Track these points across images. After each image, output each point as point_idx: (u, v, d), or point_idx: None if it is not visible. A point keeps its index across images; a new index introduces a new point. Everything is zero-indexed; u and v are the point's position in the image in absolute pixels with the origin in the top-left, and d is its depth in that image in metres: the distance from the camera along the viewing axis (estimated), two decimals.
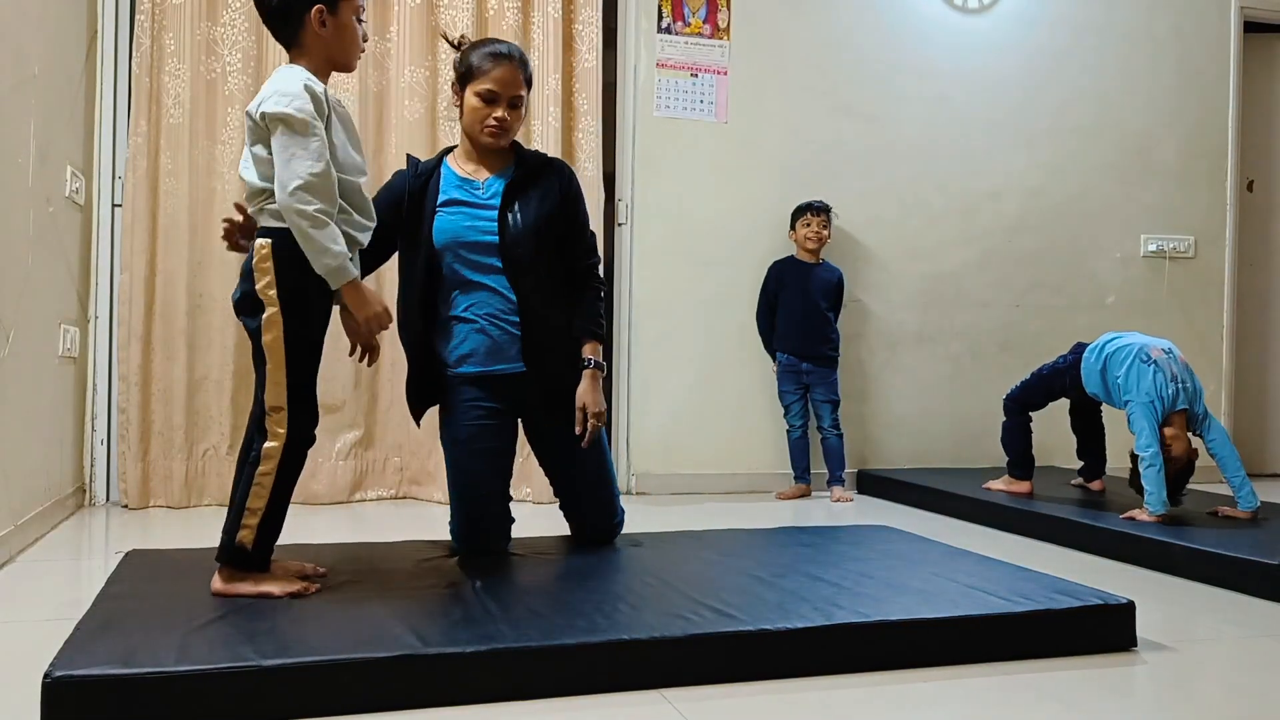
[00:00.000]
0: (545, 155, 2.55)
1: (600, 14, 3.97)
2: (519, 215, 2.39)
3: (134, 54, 3.53)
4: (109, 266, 3.60)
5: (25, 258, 2.80)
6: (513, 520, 2.52)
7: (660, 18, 4.08)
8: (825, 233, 4.02)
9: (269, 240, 1.91)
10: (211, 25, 3.59)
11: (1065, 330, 4.48)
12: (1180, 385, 3.05)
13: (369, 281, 2.28)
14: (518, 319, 2.39)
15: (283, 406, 1.93)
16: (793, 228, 4.06)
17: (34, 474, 2.92)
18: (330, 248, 1.89)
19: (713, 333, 4.14)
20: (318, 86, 1.95)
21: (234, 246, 2.12)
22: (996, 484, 3.68)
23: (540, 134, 3.88)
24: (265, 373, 1.93)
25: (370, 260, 2.39)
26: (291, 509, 3.57)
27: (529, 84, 2.44)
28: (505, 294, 2.40)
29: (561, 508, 2.59)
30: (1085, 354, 3.36)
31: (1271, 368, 4.99)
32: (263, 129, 1.91)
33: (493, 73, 2.35)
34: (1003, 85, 4.49)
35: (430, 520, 3.37)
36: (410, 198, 2.41)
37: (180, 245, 3.54)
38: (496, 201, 2.41)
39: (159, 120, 3.54)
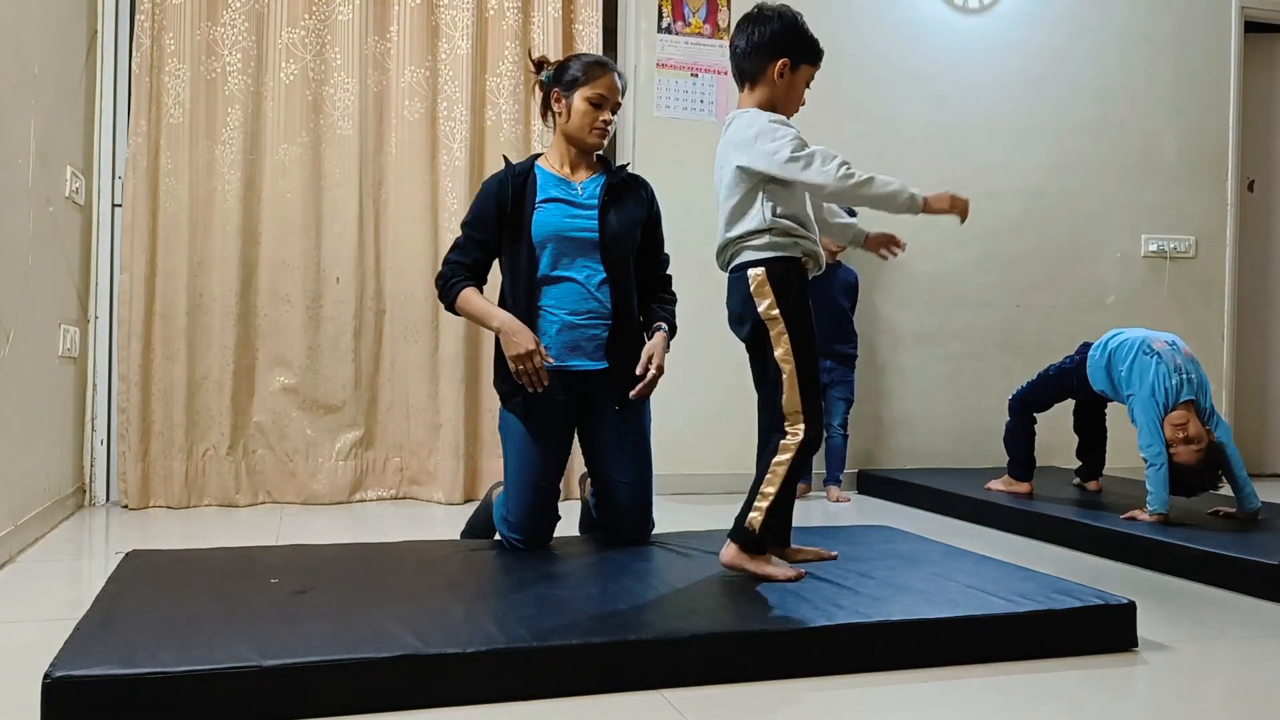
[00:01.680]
0: (628, 169, 2.66)
1: (600, 14, 3.97)
2: (616, 217, 2.52)
3: (134, 54, 3.53)
4: (109, 266, 3.60)
5: (25, 258, 2.80)
6: (559, 518, 2.56)
7: (660, 18, 4.08)
8: None
9: (761, 269, 2.15)
10: (211, 25, 3.59)
11: (1065, 330, 4.48)
12: (1185, 376, 3.02)
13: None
14: (603, 314, 2.50)
15: (799, 410, 2.13)
16: None
17: (34, 474, 2.92)
18: (884, 185, 2.14)
19: (715, 333, 4.11)
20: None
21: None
22: (997, 484, 3.68)
23: (540, 134, 3.88)
24: (781, 383, 2.14)
25: (487, 260, 2.55)
26: (291, 509, 3.60)
27: (624, 93, 2.60)
28: (590, 290, 2.49)
29: (596, 508, 2.63)
30: (1090, 351, 3.35)
31: (1271, 368, 4.99)
32: (742, 173, 2.17)
33: (602, 79, 2.52)
34: (1003, 85, 4.49)
35: (430, 520, 3.37)
36: (513, 195, 2.50)
37: (180, 245, 3.54)
38: (595, 202, 2.53)
39: (159, 120, 3.54)
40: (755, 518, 2.14)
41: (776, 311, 2.14)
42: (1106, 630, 1.99)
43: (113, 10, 3.61)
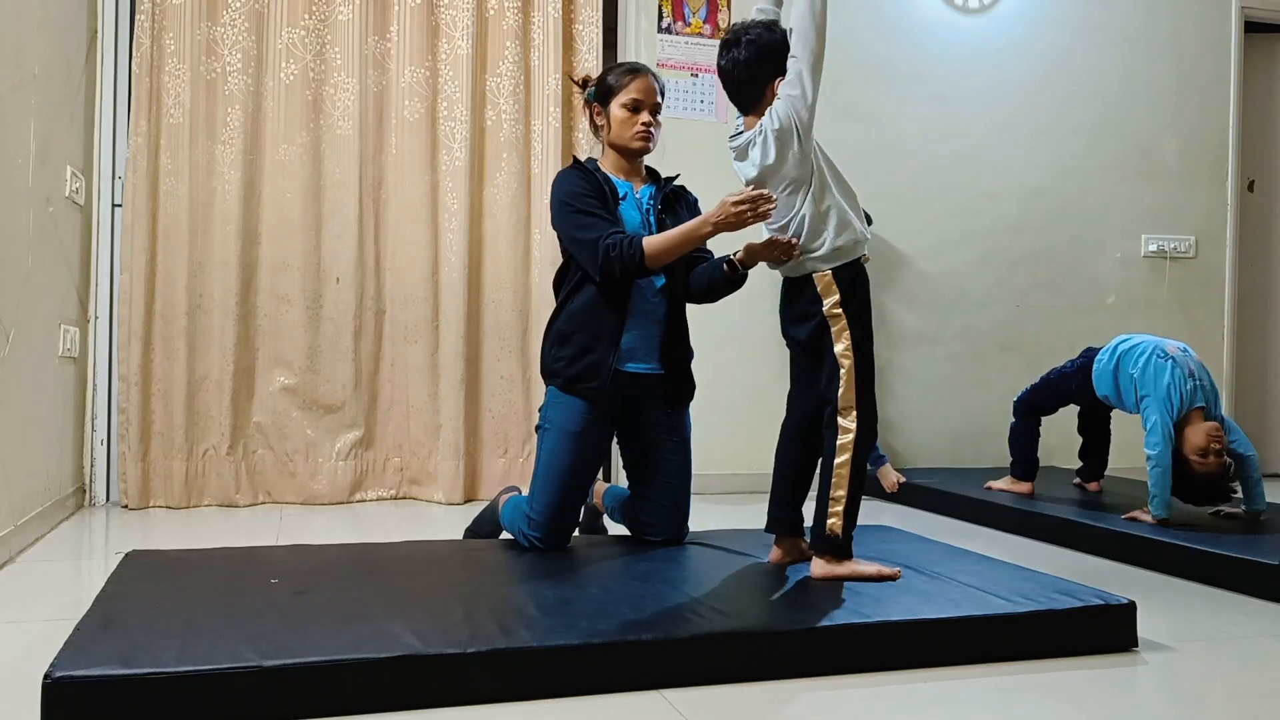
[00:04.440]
0: (674, 179, 2.66)
1: (600, 14, 3.97)
2: (671, 224, 2.50)
3: (134, 54, 3.53)
4: (109, 266, 3.60)
5: (25, 258, 2.80)
6: (579, 520, 2.57)
7: (660, 18, 4.08)
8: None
9: (829, 270, 2.23)
10: (211, 25, 3.59)
11: (1065, 330, 4.48)
12: (1198, 382, 3.02)
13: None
14: (658, 319, 2.52)
15: (853, 404, 2.19)
16: None
17: (34, 474, 2.92)
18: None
19: (714, 333, 4.13)
20: None
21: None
22: (998, 484, 3.67)
23: (540, 134, 3.88)
24: (838, 377, 2.21)
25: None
26: (291, 509, 3.60)
27: (663, 94, 2.58)
28: (648, 294, 2.50)
29: (635, 510, 2.62)
30: (1096, 356, 3.32)
31: (1271, 368, 4.99)
32: (789, 179, 2.22)
33: (634, 84, 2.52)
34: (1003, 85, 4.49)
35: (430, 520, 3.37)
36: (602, 184, 2.49)
37: (180, 245, 3.54)
38: (652, 206, 2.56)
39: (159, 120, 3.54)
40: (835, 523, 2.18)
41: (840, 310, 2.21)
42: (1106, 630, 1.99)
43: (113, 10, 3.61)
